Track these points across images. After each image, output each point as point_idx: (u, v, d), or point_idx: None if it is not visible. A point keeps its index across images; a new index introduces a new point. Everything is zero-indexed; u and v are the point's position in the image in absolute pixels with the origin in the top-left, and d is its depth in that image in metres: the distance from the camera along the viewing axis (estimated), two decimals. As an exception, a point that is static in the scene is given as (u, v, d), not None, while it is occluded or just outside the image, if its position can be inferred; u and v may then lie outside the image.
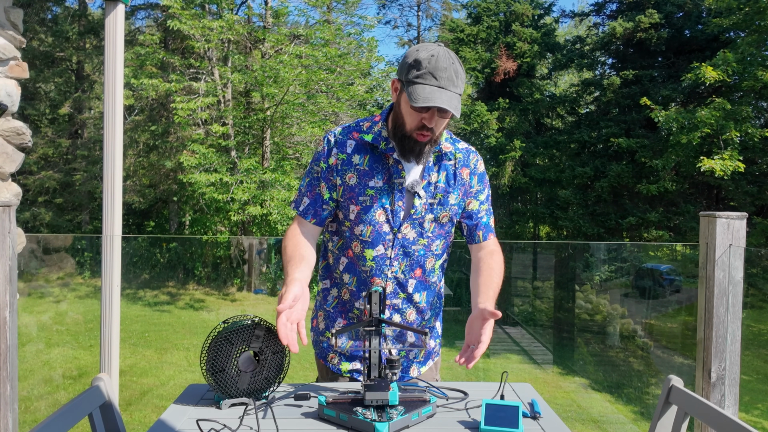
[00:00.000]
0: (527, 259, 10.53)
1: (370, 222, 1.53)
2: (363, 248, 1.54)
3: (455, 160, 1.59)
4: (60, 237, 12.80)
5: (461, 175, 1.59)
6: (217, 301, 11.41)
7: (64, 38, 15.33)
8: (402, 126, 1.48)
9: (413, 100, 1.39)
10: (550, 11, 17.13)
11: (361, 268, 1.56)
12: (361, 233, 1.54)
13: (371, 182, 1.53)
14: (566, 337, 9.17)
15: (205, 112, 12.02)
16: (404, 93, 1.44)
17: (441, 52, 1.41)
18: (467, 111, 16.07)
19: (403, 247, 1.54)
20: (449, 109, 1.38)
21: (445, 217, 1.57)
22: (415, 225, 1.54)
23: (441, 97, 1.37)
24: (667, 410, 1.56)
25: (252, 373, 1.46)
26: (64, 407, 1.30)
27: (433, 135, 1.47)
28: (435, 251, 1.59)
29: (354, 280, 1.58)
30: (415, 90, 1.39)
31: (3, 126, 3.09)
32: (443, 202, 1.56)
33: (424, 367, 1.71)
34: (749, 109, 10.10)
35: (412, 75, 1.40)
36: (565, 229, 15.00)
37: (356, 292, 1.58)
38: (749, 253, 9.68)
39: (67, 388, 6.04)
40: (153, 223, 17.27)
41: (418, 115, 1.43)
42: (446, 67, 1.39)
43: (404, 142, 1.48)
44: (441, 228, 1.58)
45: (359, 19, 14.56)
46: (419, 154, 1.49)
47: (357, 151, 1.55)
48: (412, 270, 1.56)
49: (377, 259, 1.54)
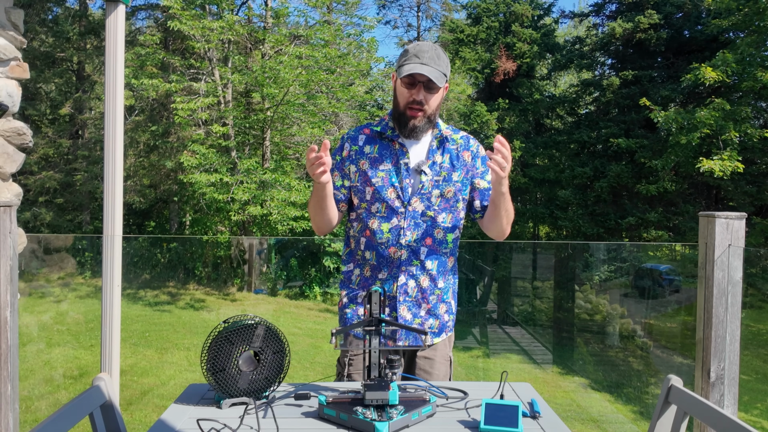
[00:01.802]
0: (527, 259, 10.53)
1: (384, 199, 1.75)
2: (380, 223, 1.76)
3: (457, 144, 1.83)
4: (61, 237, 12.80)
5: (463, 157, 1.82)
6: (218, 301, 11.41)
7: (64, 39, 15.32)
8: (397, 106, 1.77)
9: (400, 74, 1.69)
10: (549, 12, 17.13)
11: (378, 241, 1.76)
12: (377, 210, 1.77)
13: (381, 166, 1.78)
14: (566, 337, 9.17)
15: (205, 113, 12.02)
16: (398, 78, 1.74)
17: (425, 42, 1.76)
18: (467, 111, 16.07)
19: (413, 218, 1.75)
20: (428, 75, 1.65)
21: (450, 192, 1.78)
22: (423, 199, 1.75)
23: (422, 68, 1.66)
24: (667, 410, 1.56)
25: (252, 372, 1.46)
26: (64, 407, 1.30)
27: (424, 109, 1.73)
28: (442, 223, 1.78)
29: (374, 254, 1.78)
30: (402, 68, 1.69)
31: (4, 126, 3.09)
32: (447, 179, 1.78)
33: (437, 338, 1.83)
34: (748, 110, 10.10)
35: (401, 60, 1.72)
36: (564, 229, 15.01)
37: (377, 265, 1.78)
38: (748, 253, 9.69)
39: (68, 388, 6.05)
40: (153, 223, 17.27)
41: (408, 91, 1.72)
42: (428, 50, 1.70)
43: (401, 120, 1.76)
44: (446, 202, 1.78)
45: (359, 20, 14.57)
46: (413, 128, 1.75)
47: (368, 143, 1.81)
48: (423, 239, 1.76)
49: (392, 231, 1.75)
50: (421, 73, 1.66)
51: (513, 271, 10.54)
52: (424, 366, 1.81)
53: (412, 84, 1.70)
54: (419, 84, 1.70)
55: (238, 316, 1.53)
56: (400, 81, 1.73)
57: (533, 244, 12.34)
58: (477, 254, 10.68)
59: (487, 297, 9.87)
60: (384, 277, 1.76)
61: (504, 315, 9.64)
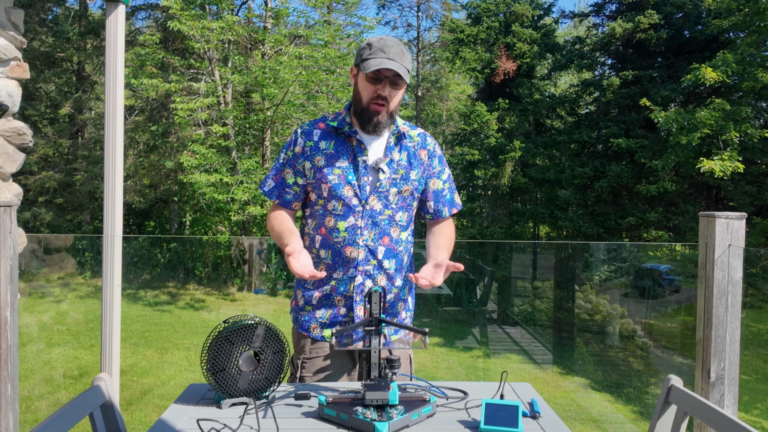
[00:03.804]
0: (527, 259, 10.54)
1: (340, 197, 1.71)
2: (336, 221, 1.72)
3: (414, 142, 1.81)
4: (61, 237, 12.80)
5: (420, 156, 1.80)
6: (218, 301, 11.41)
7: (64, 39, 15.31)
8: (360, 101, 1.72)
9: (366, 69, 1.63)
10: (549, 12, 17.12)
11: (334, 240, 1.72)
12: (333, 208, 1.72)
13: (338, 162, 1.73)
14: (566, 336, 9.17)
15: (205, 113, 12.02)
16: (360, 72, 1.69)
17: (389, 36, 1.70)
18: (467, 111, 16.07)
19: (371, 217, 1.72)
20: (398, 71, 1.62)
21: (407, 191, 1.76)
22: (381, 197, 1.72)
23: (390, 64, 1.62)
24: (667, 410, 1.56)
25: (252, 372, 1.46)
26: (64, 407, 1.30)
27: (388, 105, 1.69)
28: (399, 222, 1.77)
29: (329, 253, 1.73)
30: (368, 63, 1.64)
31: (4, 126, 3.09)
32: (405, 177, 1.76)
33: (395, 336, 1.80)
34: (749, 110, 10.08)
35: (365, 54, 1.66)
36: (564, 229, 15.00)
37: (332, 265, 1.73)
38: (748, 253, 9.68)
39: (68, 388, 6.05)
40: (153, 223, 17.27)
41: (373, 86, 1.67)
42: (393, 45, 1.65)
43: (363, 115, 1.71)
44: (403, 201, 1.76)
45: (359, 20, 14.57)
46: (377, 124, 1.71)
47: (323, 138, 1.76)
48: (380, 238, 1.73)
49: (349, 230, 1.71)
50: (388, 68, 1.62)
51: (513, 271, 10.54)
52: None
53: (377, 79, 1.66)
54: (385, 79, 1.66)
55: (238, 316, 1.53)
56: (363, 76, 1.68)
57: (533, 244, 12.34)
58: (477, 254, 10.69)
59: (487, 297, 9.88)
60: (339, 276, 1.73)
61: (504, 315, 9.64)
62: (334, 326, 1.75)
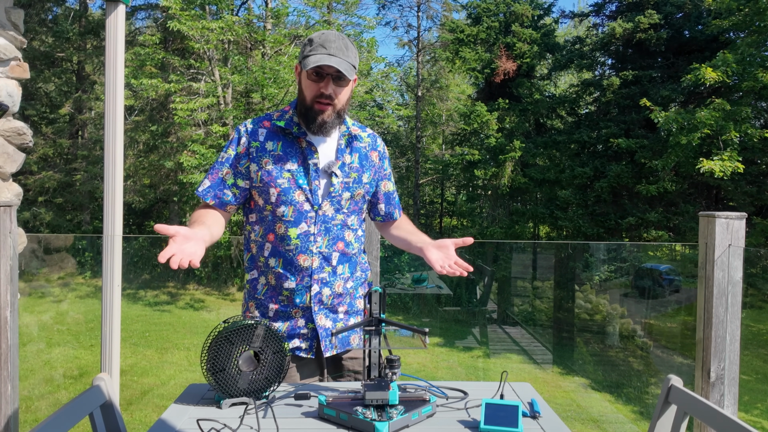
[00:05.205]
0: (527, 259, 10.54)
1: (291, 202, 1.61)
2: (286, 228, 1.62)
3: (365, 143, 1.74)
4: (60, 237, 12.80)
5: (371, 158, 1.74)
6: (217, 300, 11.42)
7: (64, 38, 15.31)
8: (303, 100, 1.62)
9: (306, 66, 1.55)
10: (549, 12, 17.12)
11: (285, 248, 1.63)
12: (283, 214, 1.62)
13: (287, 165, 1.63)
14: (566, 336, 9.18)
15: (204, 113, 12.02)
16: (303, 70, 1.59)
17: (331, 31, 1.61)
18: (467, 111, 16.07)
19: (324, 223, 1.64)
20: (339, 67, 1.52)
21: (359, 194, 1.70)
22: (333, 202, 1.65)
23: (330, 60, 1.52)
24: (667, 410, 1.56)
25: (252, 372, 1.46)
26: (64, 407, 1.30)
27: (333, 104, 1.60)
28: (351, 225, 1.70)
29: (280, 261, 1.64)
30: (308, 60, 1.55)
31: (4, 126, 3.09)
32: (358, 181, 1.69)
33: None
34: (749, 110, 10.08)
35: (306, 51, 1.58)
36: (564, 229, 15.00)
37: (283, 274, 1.64)
38: (748, 253, 9.68)
39: (68, 388, 6.05)
40: (153, 223, 17.25)
41: (316, 84, 1.58)
42: (334, 40, 1.57)
43: (308, 115, 1.61)
44: (355, 204, 1.70)
45: (359, 20, 14.56)
46: (322, 124, 1.60)
47: (270, 138, 1.65)
48: (334, 243, 1.66)
49: (301, 237, 1.62)
50: (329, 65, 1.53)
51: (513, 271, 10.55)
52: (353, 366, 1.74)
53: (320, 76, 1.57)
54: (327, 76, 1.56)
55: (238, 316, 1.53)
56: (305, 73, 1.58)
57: (533, 244, 12.34)
58: (477, 254, 10.69)
59: (487, 297, 9.88)
60: (292, 286, 1.63)
61: (504, 315, 9.65)
62: (293, 339, 1.67)
